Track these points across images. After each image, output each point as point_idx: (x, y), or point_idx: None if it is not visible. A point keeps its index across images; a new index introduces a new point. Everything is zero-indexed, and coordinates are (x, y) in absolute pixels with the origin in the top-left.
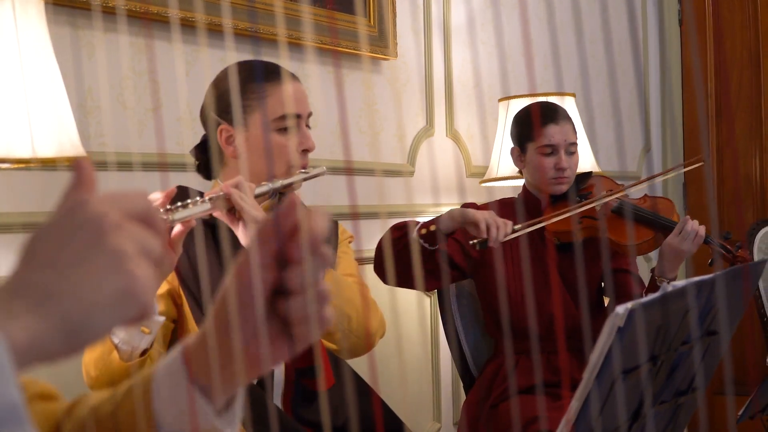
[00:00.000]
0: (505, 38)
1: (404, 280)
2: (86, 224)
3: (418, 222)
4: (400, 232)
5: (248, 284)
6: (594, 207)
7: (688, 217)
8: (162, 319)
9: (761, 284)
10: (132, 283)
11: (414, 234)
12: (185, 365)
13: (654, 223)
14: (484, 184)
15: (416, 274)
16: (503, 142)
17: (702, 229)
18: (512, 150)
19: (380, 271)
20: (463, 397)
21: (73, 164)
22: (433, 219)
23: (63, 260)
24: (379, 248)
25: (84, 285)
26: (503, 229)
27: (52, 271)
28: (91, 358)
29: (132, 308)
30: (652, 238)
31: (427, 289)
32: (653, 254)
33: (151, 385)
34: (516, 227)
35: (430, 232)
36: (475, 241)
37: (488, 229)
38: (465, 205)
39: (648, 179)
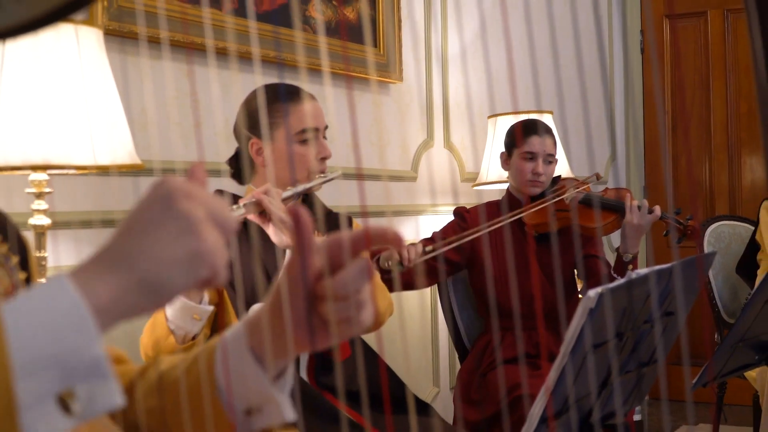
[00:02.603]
0: (492, 65)
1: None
2: (160, 195)
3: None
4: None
5: (296, 280)
6: (564, 201)
7: (630, 196)
8: (211, 308)
9: (711, 273)
10: (201, 244)
11: (385, 265)
12: (246, 339)
13: (614, 207)
14: (475, 188)
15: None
16: (491, 152)
17: (658, 208)
18: (501, 154)
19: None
20: (457, 366)
21: (189, 169)
22: (378, 255)
23: (139, 225)
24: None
25: (157, 246)
26: (414, 251)
27: (131, 235)
28: (149, 341)
29: (203, 268)
30: (614, 219)
31: (428, 286)
32: (616, 243)
33: (215, 355)
34: (427, 249)
35: (377, 264)
36: (392, 266)
37: (406, 252)
38: (456, 209)
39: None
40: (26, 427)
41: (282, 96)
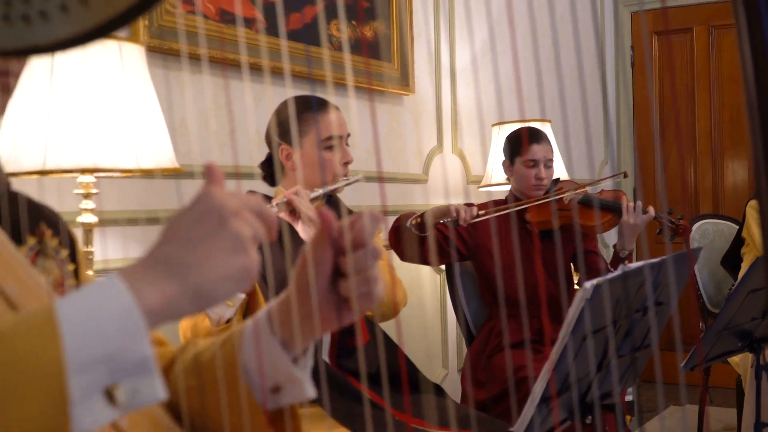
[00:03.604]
0: (496, 78)
1: (410, 258)
2: (212, 210)
3: (412, 214)
4: (397, 223)
5: (316, 264)
6: (564, 200)
7: (625, 199)
8: (243, 295)
9: (696, 267)
10: (250, 262)
11: (407, 224)
12: (269, 324)
13: (610, 207)
14: (481, 189)
15: (414, 253)
16: (496, 156)
17: (651, 209)
18: (503, 162)
19: (396, 250)
20: (465, 350)
21: (206, 168)
22: (421, 213)
23: (194, 238)
24: (391, 233)
25: (211, 260)
26: (469, 213)
27: (185, 246)
28: (187, 324)
29: (247, 282)
30: (611, 218)
31: (426, 263)
32: (609, 240)
33: (242, 339)
34: (480, 213)
35: (419, 223)
36: (448, 220)
37: (457, 212)
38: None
39: (591, 183)
40: (75, 419)
41: (310, 106)
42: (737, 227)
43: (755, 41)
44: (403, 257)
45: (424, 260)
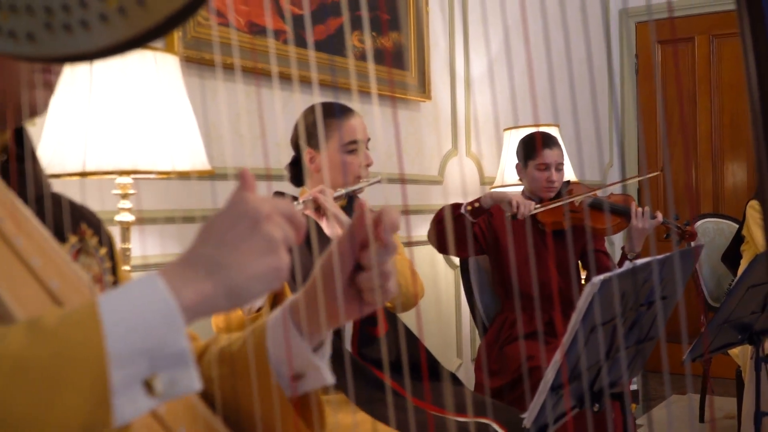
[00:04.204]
0: (506, 86)
1: (448, 247)
2: (246, 214)
3: (461, 203)
4: (440, 215)
5: (345, 255)
6: (574, 203)
7: (635, 204)
8: None
9: (697, 264)
10: (281, 263)
11: (463, 209)
12: (291, 315)
13: (620, 211)
14: (494, 189)
15: (452, 242)
16: (508, 159)
17: (660, 214)
18: (517, 165)
19: (437, 239)
20: (478, 340)
21: (239, 173)
22: (478, 198)
23: (228, 240)
24: (435, 222)
25: (245, 261)
26: (528, 207)
27: (220, 248)
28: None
29: (278, 281)
30: (619, 221)
31: (458, 255)
32: (615, 239)
33: (265, 331)
34: (537, 206)
35: (475, 208)
36: (508, 214)
37: (518, 206)
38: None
39: (611, 184)
40: (116, 408)
41: (333, 113)
42: (737, 226)
43: (759, 48)
44: (443, 248)
45: (461, 249)
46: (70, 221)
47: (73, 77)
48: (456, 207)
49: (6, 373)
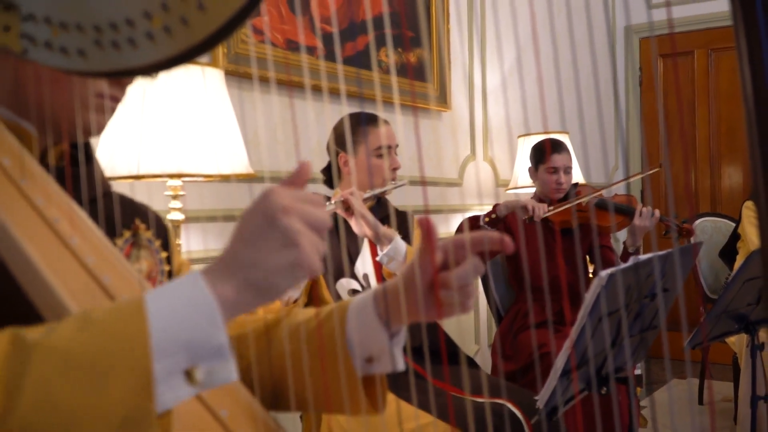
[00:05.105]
0: (522, 95)
1: None
2: (263, 208)
3: (479, 215)
4: (475, 221)
5: (424, 268)
6: (582, 203)
7: (640, 204)
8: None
9: (697, 260)
10: (299, 255)
11: (481, 222)
12: (375, 305)
13: (623, 210)
14: (509, 191)
15: None
16: (522, 163)
17: (657, 212)
18: (529, 169)
19: None
20: (494, 328)
21: (299, 164)
22: (493, 207)
23: (248, 237)
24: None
25: (263, 257)
26: (541, 209)
27: (243, 245)
28: None
29: (302, 273)
30: (623, 220)
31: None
32: (619, 236)
33: (347, 314)
34: (549, 208)
35: (492, 219)
36: (525, 217)
37: (533, 210)
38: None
39: (615, 183)
40: (158, 396)
41: (363, 121)
42: (733, 224)
43: (754, 61)
44: None
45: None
46: (123, 216)
47: (128, 89)
48: (474, 220)
49: (55, 364)
